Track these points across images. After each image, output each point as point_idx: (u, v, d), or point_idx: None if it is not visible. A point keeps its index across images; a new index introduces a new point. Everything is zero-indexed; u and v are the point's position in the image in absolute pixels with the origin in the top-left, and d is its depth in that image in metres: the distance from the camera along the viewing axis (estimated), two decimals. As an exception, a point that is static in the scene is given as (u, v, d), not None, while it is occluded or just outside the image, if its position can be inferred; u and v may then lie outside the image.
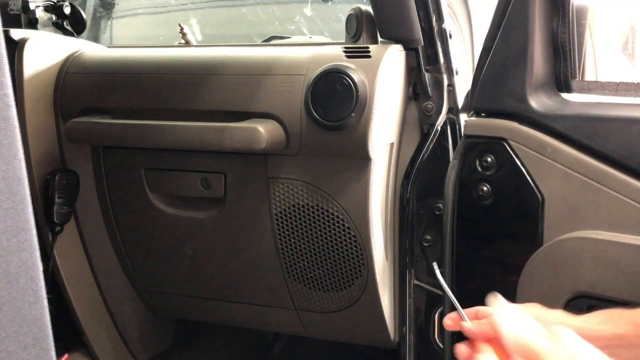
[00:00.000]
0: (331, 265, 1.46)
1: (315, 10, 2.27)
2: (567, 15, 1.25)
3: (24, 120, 1.50)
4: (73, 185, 1.57)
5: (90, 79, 1.56)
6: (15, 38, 1.51)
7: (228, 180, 1.49)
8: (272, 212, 1.46)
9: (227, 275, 1.60)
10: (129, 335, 1.80)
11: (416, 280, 1.48)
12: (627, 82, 1.22)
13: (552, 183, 1.21)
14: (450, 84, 1.43)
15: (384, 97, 1.33)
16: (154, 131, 1.45)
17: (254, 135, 1.32)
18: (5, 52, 0.52)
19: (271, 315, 1.62)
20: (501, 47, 1.25)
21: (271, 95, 1.37)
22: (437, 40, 1.39)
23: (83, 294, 1.68)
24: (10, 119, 0.52)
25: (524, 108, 1.23)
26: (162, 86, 1.49)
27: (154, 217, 1.59)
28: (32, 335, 0.55)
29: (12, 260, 0.53)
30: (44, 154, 1.55)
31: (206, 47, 1.91)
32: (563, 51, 1.26)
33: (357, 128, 1.31)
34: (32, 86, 1.51)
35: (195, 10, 2.56)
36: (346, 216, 1.40)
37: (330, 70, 1.31)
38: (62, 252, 1.60)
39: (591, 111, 1.21)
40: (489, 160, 1.26)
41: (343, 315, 1.52)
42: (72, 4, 1.80)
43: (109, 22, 2.53)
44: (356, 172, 1.37)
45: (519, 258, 1.24)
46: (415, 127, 1.46)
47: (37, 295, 0.56)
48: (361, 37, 1.41)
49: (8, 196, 0.52)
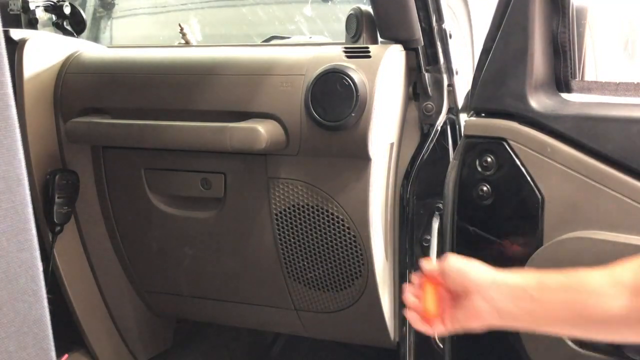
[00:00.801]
0: (331, 265, 1.46)
1: (315, 10, 2.27)
2: (567, 15, 1.25)
3: (24, 120, 1.50)
4: (73, 185, 1.57)
5: (90, 79, 1.56)
6: (15, 38, 1.51)
7: (228, 180, 1.49)
8: (272, 212, 1.46)
9: (227, 275, 1.60)
10: (129, 335, 1.80)
11: (416, 280, 1.48)
12: (627, 82, 1.22)
13: (552, 183, 1.21)
14: (450, 84, 1.43)
15: (384, 97, 1.33)
16: (154, 131, 1.45)
17: (254, 135, 1.32)
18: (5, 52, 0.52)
19: (271, 315, 1.62)
20: (501, 47, 1.25)
21: (271, 95, 1.37)
22: (437, 40, 1.39)
23: (83, 294, 1.68)
24: (10, 119, 0.52)
25: (524, 108, 1.23)
26: (162, 86, 1.49)
27: (154, 217, 1.59)
28: (32, 335, 0.55)
29: (12, 260, 0.53)
30: (44, 154, 1.55)
31: (206, 47, 1.92)
32: (563, 51, 1.26)
33: (357, 128, 1.31)
34: (32, 86, 1.51)
35: (195, 10, 2.56)
36: (346, 216, 1.40)
37: (330, 70, 1.31)
38: (62, 252, 1.60)
39: (591, 111, 1.21)
40: (489, 160, 1.26)
41: (343, 315, 1.52)
42: (72, 4, 1.80)
43: (109, 22, 2.53)
44: (356, 172, 1.37)
45: (519, 258, 1.24)
46: (415, 127, 1.46)
47: (37, 295, 0.56)
48: (361, 37, 1.41)
49: (8, 196, 0.52)
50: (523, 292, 0.93)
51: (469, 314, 0.97)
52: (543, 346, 1.25)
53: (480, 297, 0.95)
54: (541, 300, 0.92)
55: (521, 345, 1.26)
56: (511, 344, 1.29)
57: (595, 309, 0.88)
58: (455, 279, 0.99)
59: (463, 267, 0.99)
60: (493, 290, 0.95)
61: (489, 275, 0.97)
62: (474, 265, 0.99)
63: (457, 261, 1.00)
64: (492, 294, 0.95)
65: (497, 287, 0.95)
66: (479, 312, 0.96)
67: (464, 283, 0.98)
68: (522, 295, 0.93)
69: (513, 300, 0.93)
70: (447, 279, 1.00)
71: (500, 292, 0.94)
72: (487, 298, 0.95)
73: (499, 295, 0.94)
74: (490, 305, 0.95)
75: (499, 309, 0.94)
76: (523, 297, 0.93)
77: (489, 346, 1.36)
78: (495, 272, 0.97)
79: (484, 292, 0.95)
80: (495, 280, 0.95)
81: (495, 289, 0.95)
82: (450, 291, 1.00)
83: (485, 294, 0.95)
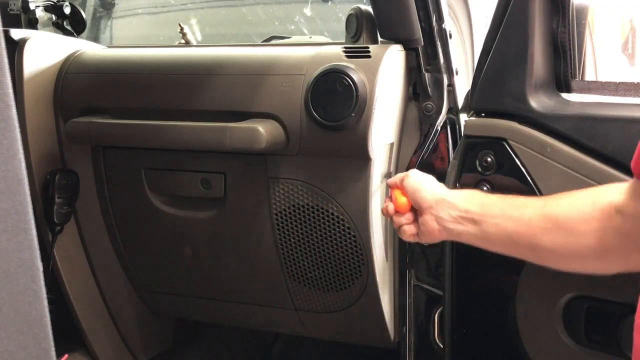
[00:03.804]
0: (331, 265, 1.46)
1: (315, 10, 2.27)
2: (567, 15, 1.25)
3: (24, 120, 1.50)
4: (73, 185, 1.57)
5: (90, 79, 1.56)
6: (15, 38, 1.50)
7: (228, 180, 1.49)
8: (272, 212, 1.46)
9: (227, 275, 1.60)
10: (129, 335, 1.80)
11: (416, 281, 1.48)
12: (627, 82, 1.22)
13: (552, 183, 1.21)
14: (450, 84, 1.43)
15: (384, 97, 1.33)
16: (154, 131, 1.45)
17: (254, 135, 1.32)
18: (5, 52, 0.52)
19: (271, 315, 1.62)
20: (501, 47, 1.25)
21: (271, 95, 1.37)
22: (437, 40, 1.39)
23: (83, 294, 1.68)
24: (10, 119, 0.52)
25: (524, 108, 1.23)
26: (162, 86, 1.49)
27: (154, 217, 1.59)
28: (32, 335, 0.55)
29: (12, 260, 0.53)
30: (44, 154, 1.55)
31: (206, 47, 1.91)
32: (563, 51, 1.26)
33: (357, 128, 1.31)
34: (32, 86, 1.51)
35: (195, 10, 2.56)
36: (346, 216, 1.40)
37: (330, 70, 1.31)
38: (62, 252, 1.60)
39: (591, 111, 1.21)
40: (489, 160, 1.26)
41: (343, 315, 1.52)
42: (72, 4, 1.80)
43: (109, 22, 2.53)
44: (356, 172, 1.37)
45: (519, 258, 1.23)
46: (415, 127, 1.46)
47: (37, 295, 0.56)
48: (361, 37, 1.41)
49: (8, 196, 0.52)
50: (466, 213, 1.02)
51: (424, 229, 1.07)
52: (543, 346, 1.25)
53: (431, 215, 1.05)
54: (481, 222, 1.00)
55: (521, 345, 1.26)
56: (511, 343, 1.29)
57: (526, 238, 0.96)
58: (413, 197, 1.09)
59: (418, 185, 1.09)
60: (441, 209, 1.04)
61: (439, 194, 1.06)
62: (427, 183, 1.09)
63: (414, 178, 1.10)
64: (440, 213, 1.04)
65: (445, 206, 1.04)
66: (431, 228, 1.06)
67: (418, 201, 1.08)
68: (465, 216, 1.02)
69: (457, 220, 1.02)
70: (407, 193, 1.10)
71: (446, 212, 1.04)
72: (436, 216, 1.05)
73: (446, 215, 1.04)
74: (438, 223, 1.05)
75: (445, 227, 1.04)
76: (466, 219, 1.02)
77: (489, 346, 1.36)
78: (446, 191, 1.07)
79: (434, 210, 1.05)
80: (444, 200, 1.05)
81: (442, 208, 1.04)
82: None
83: (435, 212, 1.05)
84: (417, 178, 1.10)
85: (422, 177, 1.11)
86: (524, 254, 1.01)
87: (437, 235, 1.07)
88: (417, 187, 1.08)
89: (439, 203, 1.05)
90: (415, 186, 1.09)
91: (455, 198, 1.04)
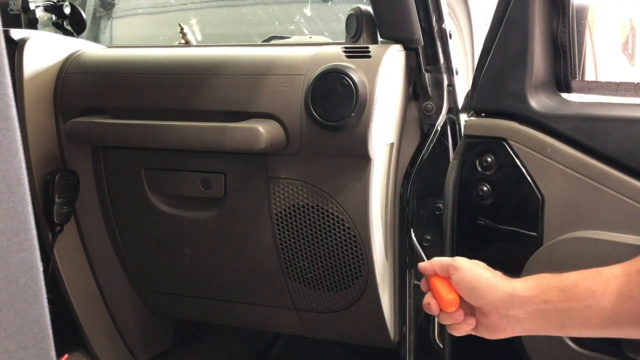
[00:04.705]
0: (331, 265, 1.46)
1: (315, 10, 2.27)
2: (567, 15, 1.25)
3: (24, 120, 1.50)
4: (73, 185, 1.57)
5: (90, 79, 1.56)
6: (15, 38, 1.50)
7: (228, 180, 1.49)
8: (272, 212, 1.46)
9: (227, 275, 1.60)
10: (129, 335, 1.80)
11: (416, 280, 1.48)
12: (627, 82, 1.22)
13: (552, 183, 1.21)
14: (450, 84, 1.43)
15: (384, 97, 1.33)
16: (154, 131, 1.45)
17: (254, 135, 1.32)
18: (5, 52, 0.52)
19: (271, 315, 1.62)
20: (501, 47, 1.25)
21: (271, 95, 1.37)
22: (437, 40, 1.39)
23: (83, 294, 1.68)
24: (10, 119, 0.52)
25: (524, 108, 1.23)
26: (162, 86, 1.49)
27: (154, 217, 1.59)
28: (32, 335, 0.55)
29: (12, 260, 0.53)
30: (44, 154, 1.55)
31: (206, 47, 1.91)
32: (563, 51, 1.26)
33: (357, 128, 1.31)
34: (32, 86, 1.51)
35: (195, 10, 2.56)
36: (346, 216, 1.40)
37: (330, 70, 1.31)
38: (62, 252, 1.60)
39: (591, 111, 1.21)
40: (489, 160, 1.26)
41: (343, 315, 1.52)
42: (72, 4, 1.80)
43: (109, 22, 2.53)
44: (356, 172, 1.37)
45: (519, 258, 1.23)
46: (415, 127, 1.46)
47: (37, 295, 0.55)
48: (361, 37, 1.41)
49: (8, 196, 0.52)
50: (545, 304, 0.88)
51: (491, 329, 0.93)
52: (543, 346, 1.25)
53: (499, 315, 0.91)
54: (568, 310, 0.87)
55: (521, 345, 1.26)
56: (511, 343, 1.29)
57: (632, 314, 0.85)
58: (468, 296, 0.93)
59: (474, 284, 0.92)
60: (511, 307, 0.90)
61: (503, 291, 0.90)
62: (484, 279, 0.92)
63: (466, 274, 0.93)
64: (511, 312, 0.90)
65: (516, 303, 0.89)
66: (502, 328, 0.92)
67: (478, 302, 0.92)
68: (545, 308, 0.88)
69: (535, 315, 0.89)
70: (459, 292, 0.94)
71: (519, 310, 0.89)
72: (506, 316, 0.90)
73: (519, 312, 0.89)
74: (510, 322, 0.91)
75: (521, 326, 0.91)
76: (545, 311, 0.88)
77: (489, 346, 1.36)
78: (510, 284, 0.91)
79: (502, 310, 0.90)
80: (512, 296, 0.90)
81: (512, 306, 0.89)
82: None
83: (504, 312, 0.90)
84: (470, 274, 0.93)
85: (475, 270, 0.94)
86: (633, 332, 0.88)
87: (509, 334, 0.93)
88: (474, 286, 0.92)
89: (507, 301, 0.90)
90: (471, 285, 0.92)
91: (525, 290, 0.89)
